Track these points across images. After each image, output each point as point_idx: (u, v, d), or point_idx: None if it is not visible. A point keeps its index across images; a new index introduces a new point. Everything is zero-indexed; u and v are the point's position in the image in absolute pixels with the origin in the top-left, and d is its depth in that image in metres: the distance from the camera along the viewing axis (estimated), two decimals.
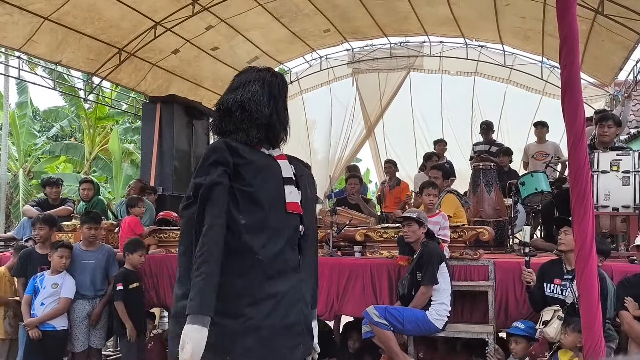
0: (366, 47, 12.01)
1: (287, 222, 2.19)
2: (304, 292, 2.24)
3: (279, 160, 2.27)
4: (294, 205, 2.21)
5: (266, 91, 2.27)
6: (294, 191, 2.24)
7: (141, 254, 5.44)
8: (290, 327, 2.16)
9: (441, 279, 4.39)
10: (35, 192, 18.99)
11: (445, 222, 4.95)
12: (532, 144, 8.52)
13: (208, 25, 9.68)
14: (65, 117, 21.24)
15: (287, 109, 2.36)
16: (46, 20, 8.15)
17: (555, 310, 3.92)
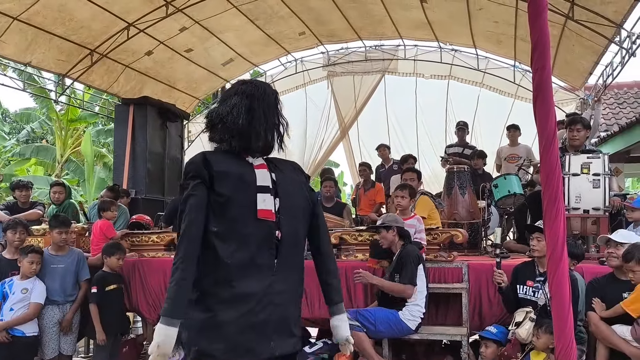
0: (341, 50, 12.06)
1: (259, 228, 2.33)
2: (281, 293, 2.36)
3: (257, 169, 2.40)
4: (266, 212, 2.35)
5: (245, 103, 2.41)
6: (268, 199, 2.36)
7: (119, 257, 5.41)
8: (257, 325, 2.31)
9: (418, 281, 4.41)
10: (5, 196, 18.62)
11: (420, 225, 4.96)
12: (505, 147, 8.62)
13: (182, 26, 9.59)
14: (37, 119, 20.84)
15: (271, 119, 2.45)
16: (15, 20, 7.98)
17: (527, 311, 3.96)
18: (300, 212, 2.48)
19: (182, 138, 11.42)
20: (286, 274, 2.39)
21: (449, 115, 11.44)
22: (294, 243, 2.43)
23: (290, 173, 2.50)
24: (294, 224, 2.44)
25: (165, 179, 10.16)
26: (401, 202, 5.05)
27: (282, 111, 2.52)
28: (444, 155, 9.00)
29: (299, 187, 2.50)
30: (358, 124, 12.28)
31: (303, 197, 2.49)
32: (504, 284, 4.17)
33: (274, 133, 2.46)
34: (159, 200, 9.73)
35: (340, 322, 2.50)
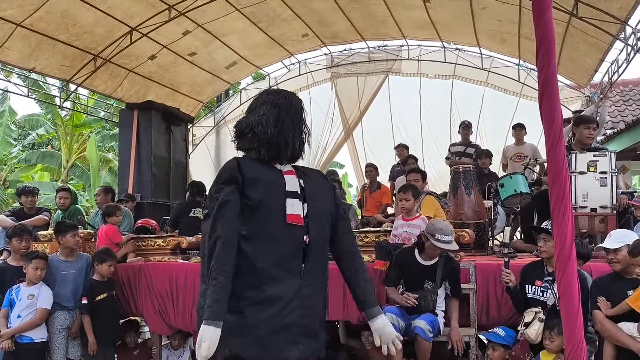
0: (344, 52, 12.05)
1: (288, 232, 2.42)
2: (309, 297, 2.44)
3: (286, 175, 2.51)
4: (295, 217, 2.43)
5: (273, 113, 2.52)
6: (297, 204, 2.45)
7: (110, 264, 5.36)
8: (286, 328, 2.39)
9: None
10: (11, 202, 18.67)
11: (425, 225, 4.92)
12: (511, 146, 8.58)
13: (185, 30, 9.60)
14: (42, 124, 20.91)
15: (298, 128, 2.57)
16: (18, 27, 8.01)
17: (536, 312, 3.93)
18: (325, 216, 2.55)
19: (186, 142, 11.43)
20: (313, 277, 2.46)
21: (454, 115, 11.41)
22: (320, 247, 2.51)
23: (316, 179, 2.61)
24: (321, 229, 2.52)
25: (170, 183, 10.17)
26: (405, 204, 4.99)
27: (305, 120, 2.62)
28: (448, 154, 8.98)
29: (325, 192, 2.61)
30: (362, 124, 12.26)
31: (329, 202, 2.59)
32: (512, 283, 4.15)
33: (301, 141, 2.57)
34: (165, 205, 9.73)
35: (385, 322, 2.53)
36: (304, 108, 2.65)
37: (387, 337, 2.50)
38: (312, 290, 2.46)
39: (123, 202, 7.70)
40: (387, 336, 2.50)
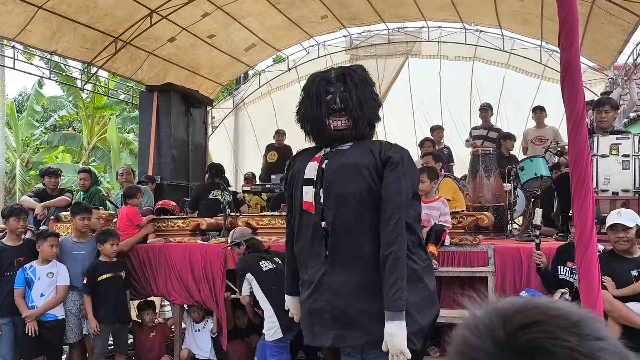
0: (364, 33, 11.94)
1: (307, 220, 2.50)
2: (338, 284, 2.42)
3: (311, 162, 2.56)
4: (308, 204, 2.48)
5: (305, 99, 2.59)
6: (310, 191, 2.49)
7: (112, 243, 5.33)
8: (317, 312, 2.47)
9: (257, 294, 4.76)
10: (34, 183, 18.98)
11: (445, 207, 4.88)
12: (531, 129, 8.49)
13: (204, 12, 9.59)
14: (64, 107, 21.15)
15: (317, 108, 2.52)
16: (40, 9, 8.05)
17: (562, 292, 3.92)
18: (352, 200, 2.40)
19: (205, 124, 11.49)
20: (345, 265, 2.40)
21: (474, 97, 11.28)
22: (346, 233, 2.40)
23: (352, 158, 2.46)
24: (341, 213, 2.40)
25: (189, 165, 10.25)
26: (421, 186, 4.91)
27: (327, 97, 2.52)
28: (468, 137, 8.91)
29: (355, 172, 2.43)
30: (382, 107, 12.16)
31: (358, 182, 2.41)
32: (543, 265, 4.14)
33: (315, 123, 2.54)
34: (184, 186, 9.82)
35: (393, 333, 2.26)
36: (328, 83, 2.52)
37: (392, 349, 2.26)
38: (342, 277, 2.38)
39: (143, 183, 7.79)
40: (392, 348, 2.26)
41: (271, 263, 4.81)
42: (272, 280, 4.58)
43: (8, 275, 5.12)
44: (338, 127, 2.48)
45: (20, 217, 5.31)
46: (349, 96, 2.47)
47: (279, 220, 5.57)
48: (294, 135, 11.93)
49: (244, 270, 4.83)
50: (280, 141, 9.89)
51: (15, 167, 19.36)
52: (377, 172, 2.41)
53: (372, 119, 2.57)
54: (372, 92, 2.58)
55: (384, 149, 2.46)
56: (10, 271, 5.14)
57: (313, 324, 2.48)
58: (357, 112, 2.47)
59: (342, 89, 2.48)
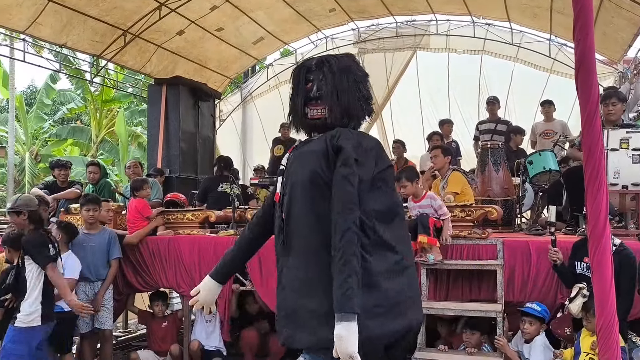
0: (372, 27, 11.92)
1: (276, 211, 2.39)
2: (291, 279, 2.27)
3: (289, 152, 2.44)
4: (277, 195, 2.38)
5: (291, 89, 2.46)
6: (279, 181, 2.39)
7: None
8: (278, 308, 2.34)
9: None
10: (43, 176, 19.09)
11: (435, 201, 4.77)
12: (540, 123, 8.46)
13: (213, 5, 9.60)
14: (72, 100, 21.24)
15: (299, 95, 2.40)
16: (50, 2, 8.09)
17: (580, 287, 3.92)
18: (299, 188, 2.25)
19: (213, 117, 11.51)
20: (295, 258, 2.26)
21: (482, 91, 11.24)
22: (295, 224, 2.26)
23: (312, 146, 2.32)
24: (293, 203, 2.27)
25: (198, 158, 10.29)
26: (404, 191, 4.82)
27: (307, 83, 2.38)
28: (476, 133, 8.89)
29: (308, 158, 2.27)
30: (390, 100, 12.17)
31: (308, 170, 2.23)
32: (559, 261, 4.14)
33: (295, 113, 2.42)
34: (192, 179, 9.86)
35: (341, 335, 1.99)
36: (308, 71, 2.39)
37: (341, 354, 1.99)
38: (294, 272, 2.25)
39: (152, 176, 7.83)
40: (340, 352, 1.99)
41: (53, 250, 4.69)
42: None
43: None
44: (313, 115, 2.36)
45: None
46: (325, 84, 2.34)
47: None
48: None
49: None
50: (286, 134, 9.89)
51: (24, 160, 19.47)
52: (326, 159, 2.21)
53: (350, 108, 2.34)
54: (355, 81, 2.37)
55: (338, 135, 2.22)
56: None
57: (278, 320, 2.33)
58: (332, 100, 2.32)
59: (320, 77, 2.36)
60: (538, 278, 4.61)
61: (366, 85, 2.42)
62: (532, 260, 4.64)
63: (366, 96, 2.40)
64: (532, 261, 4.64)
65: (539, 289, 4.61)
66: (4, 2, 7.78)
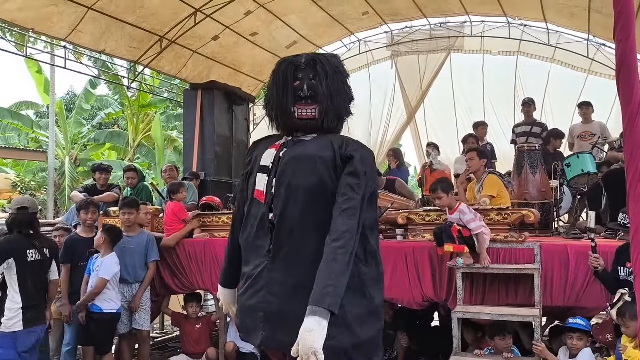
0: (405, 29, 11.86)
1: (256, 209, 2.33)
2: (276, 281, 2.21)
3: (270, 148, 2.38)
4: (259, 192, 2.32)
5: (272, 84, 2.40)
6: (262, 179, 2.32)
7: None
8: (251, 309, 2.29)
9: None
10: (81, 179, 19.55)
11: (465, 215, 4.63)
12: (578, 125, 8.31)
13: (247, 10, 9.71)
14: (110, 105, 21.71)
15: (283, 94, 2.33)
16: (89, 10, 8.29)
17: (622, 293, 3.85)
18: (301, 193, 2.20)
19: (247, 121, 11.61)
20: (287, 262, 2.20)
21: (518, 93, 11.09)
22: (291, 227, 2.21)
23: (311, 150, 2.25)
24: (290, 206, 2.22)
25: (232, 161, 10.37)
26: (438, 202, 4.85)
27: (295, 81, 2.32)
28: (513, 136, 8.77)
29: (315, 165, 2.21)
30: (424, 103, 12.09)
31: (317, 178, 2.19)
32: (601, 267, 4.08)
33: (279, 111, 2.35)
34: (227, 182, 9.95)
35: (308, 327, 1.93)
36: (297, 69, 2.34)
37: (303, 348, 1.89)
38: (282, 275, 2.19)
39: (187, 179, 7.93)
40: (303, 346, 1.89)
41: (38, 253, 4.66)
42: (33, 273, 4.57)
43: (81, 265, 5.39)
44: (303, 115, 2.28)
45: (88, 209, 5.61)
46: (319, 84, 2.28)
47: None
48: None
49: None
50: None
51: (64, 164, 19.95)
52: (334, 167, 2.19)
53: (341, 111, 2.33)
54: (344, 83, 2.35)
55: (345, 144, 2.23)
56: (83, 261, 5.40)
57: (245, 320, 2.32)
58: (326, 102, 2.27)
59: (310, 76, 2.30)
60: (576, 282, 4.54)
61: (349, 86, 2.41)
62: (570, 265, 4.56)
63: (351, 98, 2.40)
64: (570, 266, 4.56)
65: (576, 294, 4.54)
66: (46, 11, 8.01)
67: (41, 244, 4.73)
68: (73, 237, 5.63)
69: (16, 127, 20.67)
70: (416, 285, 4.92)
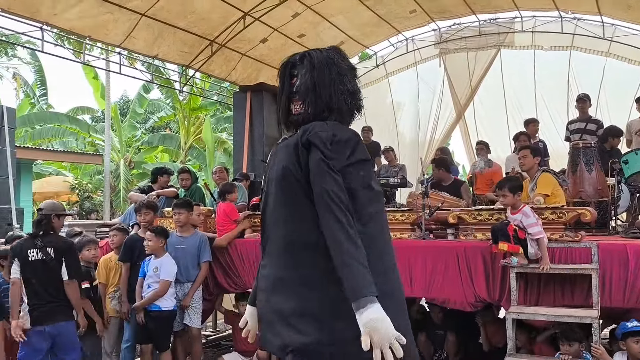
0: (453, 26, 11.73)
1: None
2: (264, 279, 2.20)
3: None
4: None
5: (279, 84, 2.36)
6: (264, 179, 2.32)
7: (89, 248, 5.59)
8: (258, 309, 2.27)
9: None
10: (136, 182, 20.11)
11: (528, 218, 4.54)
12: (636, 120, 8.03)
13: (294, 12, 9.81)
14: (162, 109, 22.27)
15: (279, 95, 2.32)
16: (143, 17, 8.55)
17: None
18: (273, 184, 2.17)
19: None
20: (269, 256, 2.19)
21: (572, 88, 10.79)
22: (269, 220, 2.21)
23: (289, 140, 2.21)
24: (268, 201, 2.21)
25: None
26: (503, 200, 4.75)
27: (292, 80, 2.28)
28: (567, 134, 8.55)
29: (282, 154, 2.18)
30: (473, 101, 11.91)
31: (280, 166, 2.14)
32: None
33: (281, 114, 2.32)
34: None
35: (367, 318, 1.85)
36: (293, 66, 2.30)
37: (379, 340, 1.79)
38: (267, 270, 2.18)
39: (238, 180, 8.06)
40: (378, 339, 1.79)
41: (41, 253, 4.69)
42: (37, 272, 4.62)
43: (140, 265, 5.57)
44: (296, 111, 2.25)
45: (141, 211, 5.83)
46: (304, 78, 2.24)
47: (393, 215, 5.53)
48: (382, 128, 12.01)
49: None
50: (367, 138, 9.92)
51: (119, 167, 20.56)
52: (296, 154, 2.10)
53: (332, 102, 2.20)
54: (339, 74, 2.24)
55: (310, 128, 2.11)
56: (142, 260, 5.58)
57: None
58: (310, 95, 2.20)
59: (303, 72, 2.26)
60: (636, 283, 4.39)
61: (352, 78, 2.29)
62: (630, 265, 4.42)
63: (352, 90, 2.27)
64: (630, 266, 4.41)
65: (637, 295, 4.39)
66: (102, 19, 8.31)
67: (45, 243, 4.74)
68: (133, 237, 5.82)
69: (74, 131, 21.44)
70: (468, 286, 4.86)
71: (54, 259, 4.71)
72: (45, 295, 4.66)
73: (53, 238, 4.84)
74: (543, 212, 4.88)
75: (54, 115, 21.24)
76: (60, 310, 4.71)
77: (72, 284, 4.77)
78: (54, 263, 4.71)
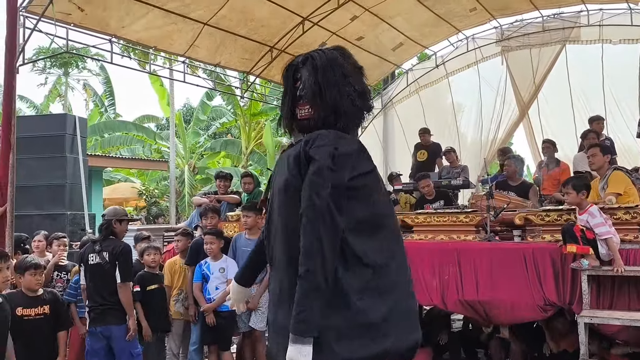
0: (516, 23, 11.43)
1: None
2: (270, 289, 2.18)
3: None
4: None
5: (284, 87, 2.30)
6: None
7: (149, 253, 5.66)
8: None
9: None
10: (200, 187, 20.63)
11: (594, 218, 4.42)
12: None
13: (353, 16, 9.83)
14: (223, 115, 22.77)
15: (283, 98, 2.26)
16: (206, 26, 8.79)
17: None
18: (276, 196, 2.11)
19: None
20: (274, 269, 2.14)
21: None
22: (273, 232, 2.13)
23: (290, 151, 2.13)
24: (271, 211, 2.15)
25: None
26: (567, 198, 4.64)
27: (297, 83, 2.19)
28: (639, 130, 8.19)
29: (285, 164, 2.09)
30: (537, 99, 11.58)
31: (283, 178, 2.08)
32: None
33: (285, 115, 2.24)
34: None
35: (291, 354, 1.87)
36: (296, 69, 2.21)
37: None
38: (273, 283, 2.14)
39: None
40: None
41: (99, 257, 4.84)
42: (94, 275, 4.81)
43: None
44: (302, 116, 2.16)
45: (207, 215, 5.97)
46: (308, 81, 2.14)
47: (435, 218, 5.54)
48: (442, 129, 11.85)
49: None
50: (427, 139, 9.83)
51: (184, 173, 21.16)
52: (298, 165, 2.02)
53: (338, 105, 2.11)
54: (343, 75, 2.15)
55: (311, 141, 2.02)
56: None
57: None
58: (316, 99, 2.11)
59: (307, 74, 2.16)
60: None
61: (359, 78, 2.21)
62: None
63: (359, 90, 2.18)
64: None
65: None
66: (166, 29, 8.59)
67: (103, 248, 4.90)
68: (198, 241, 5.94)
69: (140, 139, 22.22)
70: (537, 289, 4.73)
71: (108, 263, 4.86)
72: (100, 298, 4.85)
73: (110, 242, 4.99)
74: (616, 212, 4.70)
75: (122, 124, 22.09)
76: (111, 313, 4.86)
77: (124, 287, 4.90)
78: (109, 267, 4.86)
